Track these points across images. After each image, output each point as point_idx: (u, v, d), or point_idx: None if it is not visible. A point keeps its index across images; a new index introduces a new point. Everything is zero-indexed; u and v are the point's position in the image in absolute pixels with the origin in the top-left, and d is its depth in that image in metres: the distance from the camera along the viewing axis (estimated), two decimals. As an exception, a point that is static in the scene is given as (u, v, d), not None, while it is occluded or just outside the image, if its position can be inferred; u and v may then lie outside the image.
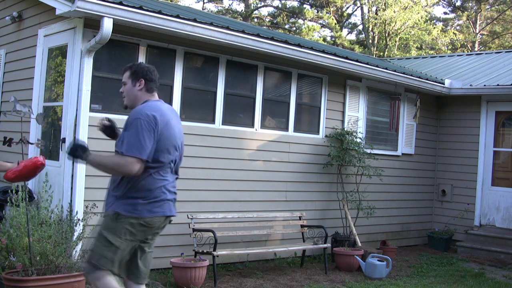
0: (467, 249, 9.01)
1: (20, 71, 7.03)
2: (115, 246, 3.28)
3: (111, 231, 3.30)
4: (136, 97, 3.50)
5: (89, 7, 5.27)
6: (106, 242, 3.29)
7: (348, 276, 6.97)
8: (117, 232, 3.29)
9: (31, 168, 4.07)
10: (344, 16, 29.66)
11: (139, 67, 3.54)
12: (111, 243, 3.28)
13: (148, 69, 3.53)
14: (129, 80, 3.52)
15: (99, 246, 3.31)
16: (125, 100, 3.56)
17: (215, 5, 30.12)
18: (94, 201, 5.45)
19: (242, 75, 7.27)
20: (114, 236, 3.29)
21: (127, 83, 3.53)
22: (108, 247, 3.28)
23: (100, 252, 3.29)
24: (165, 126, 3.36)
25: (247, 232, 6.96)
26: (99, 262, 3.28)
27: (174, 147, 3.43)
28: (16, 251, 4.79)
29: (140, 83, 3.49)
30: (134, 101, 3.51)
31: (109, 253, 3.28)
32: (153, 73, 3.55)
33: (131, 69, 3.53)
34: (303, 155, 7.87)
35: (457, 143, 9.94)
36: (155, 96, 3.55)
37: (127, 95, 3.53)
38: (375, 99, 9.03)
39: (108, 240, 3.28)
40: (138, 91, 3.49)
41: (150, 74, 3.52)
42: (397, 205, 9.44)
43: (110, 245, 3.28)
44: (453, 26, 30.99)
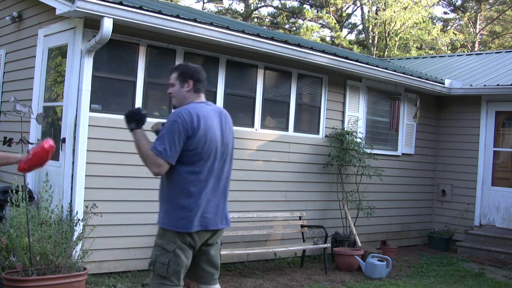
0: (467, 249, 9.01)
1: (20, 71, 7.03)
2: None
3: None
4: (184, 98, 3.46)
5: (89, 7, 5.27)
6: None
7: (348, 276, 6.97)
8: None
9: (41, 154, 3.94)
10: (344, 16, 29.67)
11: (187, 68, 3.49)
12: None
13: (195, 70, 3.49)
14: (177, 81, 3.47)
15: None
16: (173, 101, 3.53)
17: (215, 5, 30.12)
18: (94, 201, 5.46)
19: (242, 75, 7.27)
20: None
21: (175, 84, 3.48)
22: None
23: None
24: (202, 129, 3.29)
25: (247, 232, 6.96)
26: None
27: (212, 150, 3.36)
28: (16, 251, 4.79)
29: (188, 84, 3.45)
30: (183, 102, 3.46)
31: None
32: (201, 73, 3.51)
33: (178, 70, 3.49)
34: (303, 155, 7.87)
35: (457, 143, 9.94)
36: (201, 97, 3.50)
37: (176, 96, 3.49)
38: (375, 99, 9.03)
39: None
40: (186, 92, 3.45)
41: (198, 75, 3.48)
42: (397, 205, 9.44)
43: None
44: (453, 26, 30.99)
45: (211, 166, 3.34)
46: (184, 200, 3.30)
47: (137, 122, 3.35)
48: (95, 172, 5.82)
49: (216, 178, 3.39)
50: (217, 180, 3.41)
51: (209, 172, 3.34)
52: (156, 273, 3.30)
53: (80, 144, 5.66)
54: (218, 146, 3.38)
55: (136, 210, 6.15)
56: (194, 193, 3.30)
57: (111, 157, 5.97)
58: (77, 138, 5.67)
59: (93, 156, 5.79)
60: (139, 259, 6.20)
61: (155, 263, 3.30)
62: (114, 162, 5.99)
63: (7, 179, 6.77)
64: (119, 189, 6.04)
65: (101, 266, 5.90)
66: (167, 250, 3.28)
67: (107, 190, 5.93)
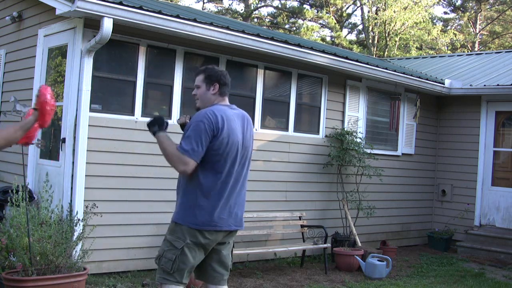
0: (467, 249, 9.01)
1: (20, 71, 7.03)
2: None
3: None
4: (209, 100, 3.51)
5: (89, 7, 5.27)
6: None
7: (348, 276, 6.97)
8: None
9: (44, 105, 3.53)
10: (344, 16, 29.67)
11: (214, 71, 3.54)
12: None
13: (222, 73, 3.56)
14: (203, 83, 3.53)
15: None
16: (198, 103, 3.56)
17: (215, 5, 30.13)
18: (94, 201, 5.46)
19: (242, 75, 7.27)
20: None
21: (201, 87, 3.53)
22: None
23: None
24: (225, 131, 3.35)
25: (247, 232, 6.96)
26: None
27: (233, 153, 3.39)
28: (16, 251, 4.79)
29: (214, 87, 3.51)
30: (207, 104, 3.51)
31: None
32: (226, 77, 3.58)
33: (205, 73, 3.54)
34: (303, 155, 7.87)
35: (457, 143, 9.94)
36: (225, 100, 3.57)
37: (201, 98, 3.54)
38: (375, 99, 9.03)
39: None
40: (212, 95, 3.51)
41: (224, 78, 3.55)
42: (397, 205, 9.44)
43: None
44: (453, 26, 31.00)
45: (230, 168, 3.38)
46: (202, 200, 3.33)
47: (159, 125, 3.44)
48: (95, 172, 5.82)
49: (235, 180, 3.43)
50: (235, 182, 3.44)
51: (228, 174, 3.37)
52: (160, 267, 3.35)
53: (80, 144, 5.66)
54: (239, 149, 3.43)
55: (136, 210, 6.15)
56: (212, 194, 3.34)
57: (111, 157, 5.97)
58: (77, 138, 5.67)
59: (93, 156, 5.79)
60: (139, 259, 6.21)
61: (161, 257, 3.35)
62: (114, 162, 5.99)
63: (7, 179, 6.78)
64: (119, 189, 6.04)
65: (101, 266, 5.90)
66: (176, 246, 3.32)
67: (107, 190, 5.93)
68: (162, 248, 3.38)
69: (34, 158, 6.41)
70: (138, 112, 6.17)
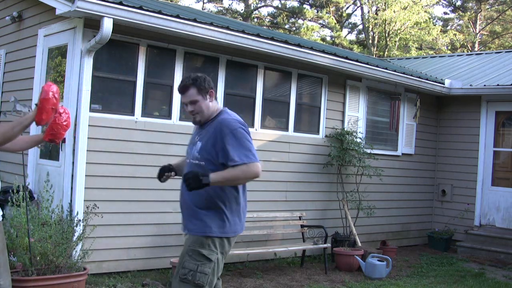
0: (467, 249, 9.01)
1: (20, 71, 7.03)
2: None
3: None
4: (211, 109, 3.43)
5: (89, 7, 5.27)
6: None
7: (348, 276, 6.97)
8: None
9: (47, 99, 3.49)
10: (344, 16, 29.68)
11: (202, 79, 3.40)
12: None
13: (207, 79, 3.46)
14: (199, 96, 3.38)
15: None
16: (198, 117, 3.42)
17: (215, 5, 30.13)
18: (94, 201, 5.46)
19: (242, 75, 7.27)
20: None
21: (198, 100, 3.37)
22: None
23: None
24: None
25: (247, 232, 6.95)
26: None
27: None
28: (17, 251, 4.80)
29: (210, 94, 3.43)
30: (211, 114, 3.43)
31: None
32: (211, 80, 3.51)
33: (195, 85, 3.37)
34: (303, 155, 7.87)
35: (457, 143, 9.94)
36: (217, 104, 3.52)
37: (202, 111, 3.39)
38: (375, 99, 9.03)
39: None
40: (210, 103, 3.43)
41: (211, 83, 3.47)
42: (397, 205, 9.44)
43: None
44: (453, 26, 31.00)
45: None
46: (233, 206, 3.33)
47: (199, 177, 3.16)
48: (95, 172, 5.82)
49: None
50: (245, 185, 3.48)
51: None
52: (195, 283, 3.19)
53: (80, 144, 5.66)
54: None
55: (136, 210, 6.16)
56: (240, 199, 3.37)
57: (111, 157, 5.97)
58: (77, 138, 5.67)
59: (93, 156, 5.79)
60: (139, 259, 6.21)
61: (195, 272, 3.20)
62: (114, 162, 5.99)
63: (7, 179, 6.77)
64: (119, 189, 6.04)
65: (101, 266, 5.90)
66: (210, 259, 3.24)
67: (107, 190, 5.93)
68: (194, 263, 3.21)
69: (34, 158, 6.41)
70: (138, 112, 6.17)
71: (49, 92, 3.48)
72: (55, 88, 3.55)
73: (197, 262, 3.22)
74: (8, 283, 3.63)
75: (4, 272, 3.50)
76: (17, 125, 3.32)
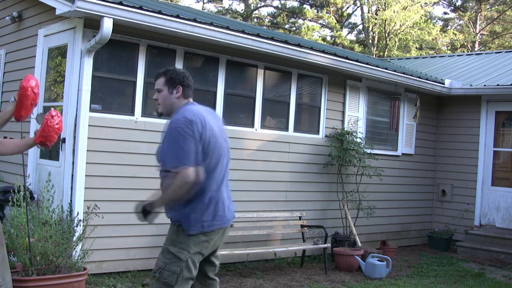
0: (467, 249, 9.01)
1: (20, 71, 7.03)
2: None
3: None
4: (173, 104, 3.33)
5: (89, 7, 5.27)
6: None
7: (348, 276, 6.97)
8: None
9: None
10: (344, 16, 29.68)
11: (176, 73, 3.34)
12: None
13: (184, 75, 3.36)
14: (165, 87, 3.32)
15: None
16: (159, 108, 3.37)
17: (215, 5, 30.14)
18: (94, 201, 5.46)
19: (242, 75, 7.27)
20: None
21: (162, 90, 3.32)
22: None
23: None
24: (205, 129, 3.23)
25: (247, 232, 6.96)
26: None
27: (218, 149, 3.34)
28: (18, 251, 4.80)
29: (177, 90, 3.32)
30: (171, 108, 3.34)
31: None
32: (189, 78, 3.39)
33: (166, 76, 3.33)
34: (303, 155, 7.87)
35: (457, 143, 9.94)
36: (190, 101, 3.40)
37: (163, 102, 3.34)
38: (375, 99, 9.03)
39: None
40: (175, 98, 3.32)
41: (187, 80, 3.35)
42: (397, 205, 9.44)
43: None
44: (453, 26, 31.00)
45: (219, 165, 3.43)
46: (202, 201, 3.36)
47: (148, 210, 3.36)
48: (95, 172, 5.82)
49: (223, 175, 3.50)
50: (224, 178, 3.52)
51: (218, 170, 3.45)
52: (163, 281, 3.26)
53: (80, 144, 5.66)
54: (222, 145, 3.42)
55: (136, 210, 6.14)
56: (209, 193, 3.41)
57: (111, 157, 5.97)
58: (77, 138, 5.67)
59: (93, 156, 5.79)
60: (139, 259, 6.21)
61: (163, 270, 3.30)
62: (114, 162, 5.99)
63: (7, 179, 6.78)
64: (119, 189, 6.04)
65: (101, 266, 5.90)
66: (180, 258, 3.32)
67: (107, 190, 5.93)
68: (163, 261, 3.27)
69: (34, 158, 6.41)
70: (138, 112, 6.17)
71: (27, 88, 3.43)
72: (34, 82, 3.49)
73: (165, 259, 3.27)
74: (8, 279, 3.62)
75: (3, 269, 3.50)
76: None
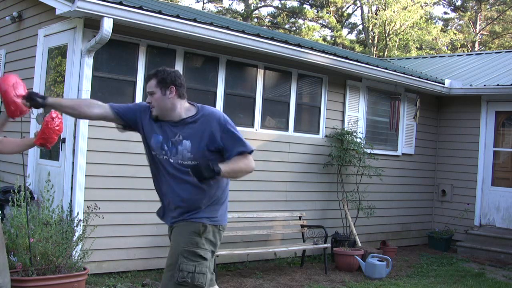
0: (467, 249, 9.01)
1: (20, 71, 7.02)
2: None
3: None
4: (168, 106, 3.21)
5: (89, 7, 5.27)
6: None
7: (348, 276, 6.97)
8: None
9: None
10: (344, 16, 29.68)
11: (166, 73, 3.21)
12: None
13: (175, 74, 3.25)
14: (157, 88, 3.19)
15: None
16: (154, 111, 3.23)
17: (215, 5, 30.14)
18: (94, 201, 5.46)
19: (242, 75, 7.27)
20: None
21: (155, 92, 3.20)
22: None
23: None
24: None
25: (247, 232, 6.96)
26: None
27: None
28: (18, 251, 4.80)
29: (170, 90, 3.19)
30: (168, 110, 3.22)
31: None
32: (181, 77, 3.28)
33: (157, 77, 3.21)
34: (303, 155, 7.87)
35: (457, 143, 9.94)
36: (186, 102, 3.30)
37: (158, 105, 3.20)
38: (375, 99, 9.04)
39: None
40: (169, 99, 3.20)
41: (179, 79, 3.24)
42: (397, 205, 9.44)
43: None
44: (453, 26, 31.01)
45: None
46: (224, 197, 3.59)
47: (212, 169, 3.08)
48: (95, 172, 5.82)
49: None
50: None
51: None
52: (196, 285, 3.15)
53: (80, 144, 5.67)
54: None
55: (136, 210, 6.15)
56: (228, 190, 3.59)
57: (111, 157, 5.97)
58: (77, 138, 5.67)
59: (93, 156, 5.79)
60: (139, 259, 6.21)
61: (194, 273, 3.19)
62: (114, 162, 5.99)
63: (7, 179, 6.78)
64: (119, 189, 6.04)
65: (101, 266, 5.91)
66: (206, 258, 3.31)
67: (107, 190, 5.93)
68: (193, 264, 3.15)
69: (34, 158, 6.42)
70: (138, 112, 6.16)
71: (4, 85, 3.46)
72: (14, 79, 3.50)
73: (193, 263, 3.17)
74: (7, 281, 3.63)
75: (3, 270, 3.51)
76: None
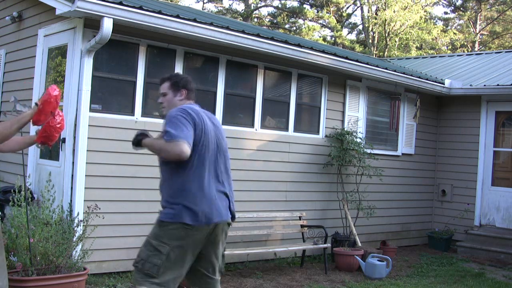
0: (467, 249, 9.01)
1: (20, 71, 7.03)
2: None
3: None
4: (175, 105, 3.55)
5: (89, 7, 5.27)
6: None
7: (348, 276, 6.97)
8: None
9: (50, 100, 3.59)
10: (344, 16, 29.67)
11: (179, 78, 3.60)
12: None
13: (187, 79, 3.62)
14: (169, 90, 3.58)
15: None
16: (164, 111, 3.59)
17: (215, 5, 30.13)
18: (94, 201, 5.46)
19: (242, 75, 7.27)
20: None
21: (168, 94, 3.58)
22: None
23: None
24: (199, 120, 3.40)
25: (247, 232, 6.96)
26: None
27: (211, 144, 3.45)
28: (18, 251, 4.80)
29: (181, 93, 3.57)
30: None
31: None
32: (192, 83, 3.64)
33: (171, 80, 3.59)
34: (303, 155, 7.87)
35: (457, 143, 9.94)
36: (192, 103, 3.62)
37: (168, 105, 3.57)
38: (375, 99, 9.04)
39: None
40: (179, 101, 3.55)
41: (190, 85, 3.60)
42: (397, 205, 9.44)
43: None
44: (453, 26, 31.01)
45: (209, 159, 3.48)
46: (192, 194, 3.64)
47: (139, 136, 3.57)
48: (95, 172, 5.82)
49: (214, 171, 3.55)
50: (216, 173, 3.58)
51: (208, 164, 3.51)
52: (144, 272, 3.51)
53: (80, 144, 5.66)
54: (216, 140, 3.54)
55: (136, 210, 6.15)
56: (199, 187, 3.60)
57: (111, 157, 5.97)
58: (77, 138, 5.67)
59: (93, 156, 5.79)
60: (139, 259, 6.20)
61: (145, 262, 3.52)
62: (114, 162, 5.99)
63: (7, 179, 6.78)
64: (119, 189, 6.04)
65: (101, 266, 5.90)
66: (161, 251, 3.59)
67: (107, 190, 5.93)
68: (147, 253, 3.57)
69: (34, 158, 6.41)
70: (138, 112, 6.17)
71: (51, 95, 3.51)
72: (58, 92, 3.61)
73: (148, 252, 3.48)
74: (5, 283, 3.62)
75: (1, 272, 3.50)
76: (15, 123, 3.33)
